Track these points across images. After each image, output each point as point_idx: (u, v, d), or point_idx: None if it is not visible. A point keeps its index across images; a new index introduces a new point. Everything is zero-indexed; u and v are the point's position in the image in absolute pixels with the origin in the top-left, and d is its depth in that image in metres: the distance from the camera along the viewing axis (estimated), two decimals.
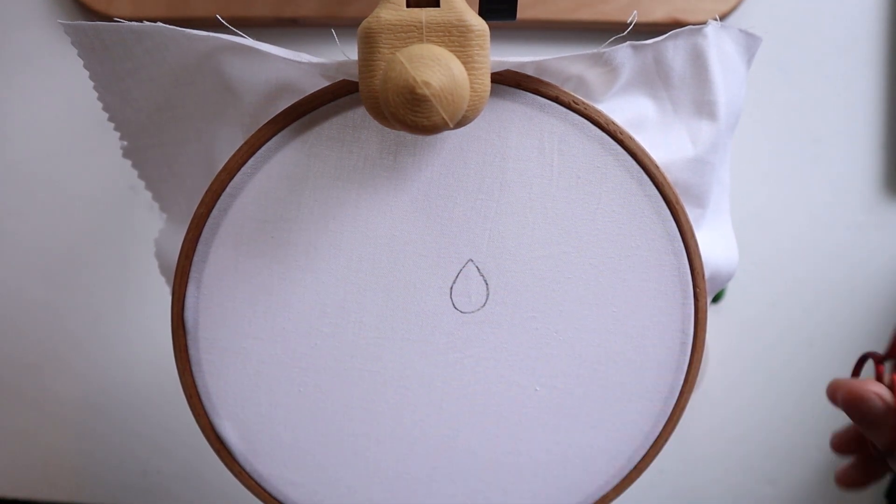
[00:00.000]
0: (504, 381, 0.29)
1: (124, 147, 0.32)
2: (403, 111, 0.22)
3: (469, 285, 0.28)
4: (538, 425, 0.30)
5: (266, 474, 0.30)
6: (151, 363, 0.51)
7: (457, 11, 0.23)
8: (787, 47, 0.47)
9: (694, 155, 0.30)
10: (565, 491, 0.30)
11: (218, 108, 0.29)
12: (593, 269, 0.28)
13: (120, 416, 0.52)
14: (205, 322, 0.28)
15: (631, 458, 0.30)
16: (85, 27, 0.27)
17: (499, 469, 0.30)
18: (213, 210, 0.27)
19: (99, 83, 0.29)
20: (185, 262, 0.28)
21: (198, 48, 0.27)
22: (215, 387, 0.29)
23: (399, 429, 0.29)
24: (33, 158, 0.49)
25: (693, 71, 0.29)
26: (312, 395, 0.29)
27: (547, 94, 0.27)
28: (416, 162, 0.27)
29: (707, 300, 0.29)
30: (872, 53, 0.47)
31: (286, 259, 0.28)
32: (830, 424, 0.51)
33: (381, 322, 0.29)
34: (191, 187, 0.32)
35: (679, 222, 0.28)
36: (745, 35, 0.30)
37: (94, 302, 0.50)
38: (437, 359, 0.29)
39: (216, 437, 0.29)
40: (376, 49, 0.23)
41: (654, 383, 0.29)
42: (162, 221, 0.35)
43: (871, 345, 0.50)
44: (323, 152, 0.27)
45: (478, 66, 0.23)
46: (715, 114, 0.30)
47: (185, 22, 0.37)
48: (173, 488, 0.53)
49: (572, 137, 0.27)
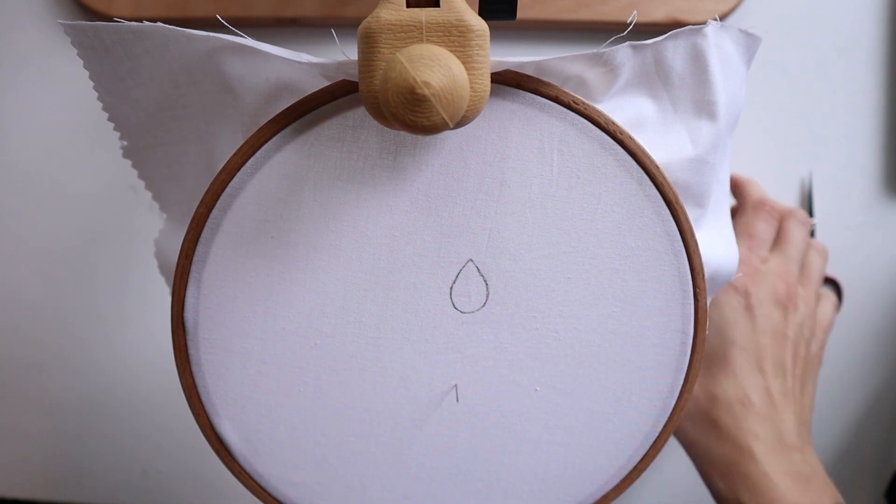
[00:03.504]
0: (504, 381, 0.29)
1: (124, 147, 0.32)
2: (403, 111, 0.22)
3: (469, 285, 0.28)
4: (538, 425, 0.30)
5: (266, 474, 0.30)
6: (151, 363, 0.51)
7: (457, 11, 0.23)
8: (787, 47, 0.47)
9: (694, 155, 0.30)
10: (565, 491, 0.30)
11: (218, 108, 0.29)
12: (593, 269, 0.28)
13: (120, 416, 0.52)
14: (205, 322, 0.28)
15: (631, 458, 0.30)
16: (85, 27, 0.27)
17: (499, 469, 0.30)
18: (213, 210, 0.27)
19: (99, 83, 0.29)
20: (185, 262, 0.28)
21: (198, 48, 0.27)
22: (215, 387, 0.29)
23: (399, 429, 0.29)
24: (33, 158, 0.49)
25: (693, 71, 0.29)
26: (312, 395, 0.29)
27: (547, 94, 0.27)
28: (416, 162, 0.27)
29: (707, 300, 0.29)
30: (872, 54, 0.47)
31: (286, 259, 0.28)
32: (830, 425, 0.51)
33: (381, 322, 0.29)
34: (191, 187, 0.32)
35: (679, 222, 0.28)
36: (745, 35, 0.30)
37: (95, 302, 0.50)
38: (437, 359, 0.29)
39: (216, 436, 0.29)
40: (376, 49, 0.23)
41: (654, 383, 0.29)
42: (162, 221, 0.35)
43: (871, 344, 0.50)
44: (323, 152, 0.27)
45: (478, 66, 0.23)
46: (715, 114, 0.30)
47: (185, 22, 0.37)
48: (173, 488, 0.53)
49: (572, 137, 0.27)
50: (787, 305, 0.42)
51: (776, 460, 0.39)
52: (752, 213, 0.44)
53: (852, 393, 0.50)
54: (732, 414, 0.40)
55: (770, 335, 0.41)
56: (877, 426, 0.51)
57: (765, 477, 0.38)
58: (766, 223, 0.44)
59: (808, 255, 0.45)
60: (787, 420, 0.40)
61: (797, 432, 0.40)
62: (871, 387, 0.50)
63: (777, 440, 0.39)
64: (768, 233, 0.44)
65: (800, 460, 0.39)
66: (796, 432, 0.40)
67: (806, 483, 0.39)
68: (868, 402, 0.50)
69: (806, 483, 0.39)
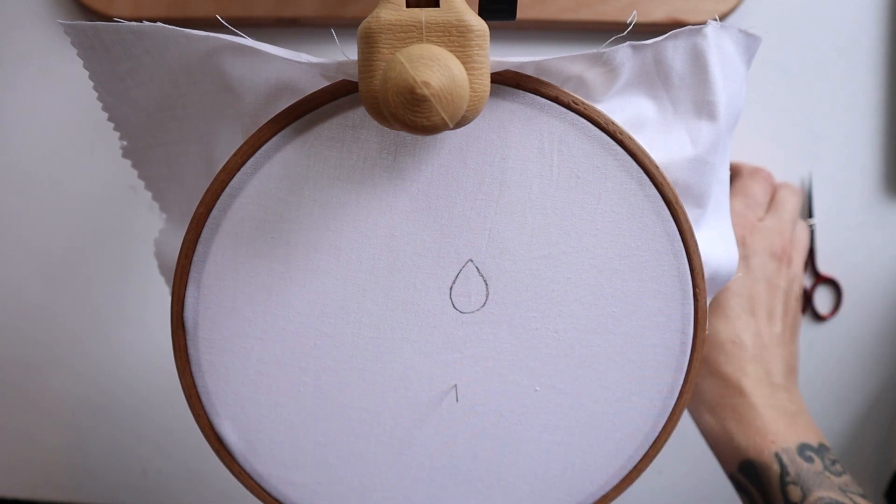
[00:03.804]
0: (503, 381, 0.29)
1: (124, 147, 0.32)
2: (403, 111, 0.22)
3: (469, 285, 0.28)
4: (538, 425, 0.30)
5: (266, 474, 0.30)
6: (151, 363, 0.51)
7: (456, 11, 0.23)
8: (787, 47, 0.47)
9: (694, 155, 0.30)
10: (565, 491, 0.30)
11: (218, 108, 0.29)
12: (593, 269, 0.28)
13: (120, 416, 0.52)
14: (204, 322, 0.28)
15: (631, 458, 0.30)
16: (85, 27, 0.27)
17: (499, 469, 0.30)
18: (213, 210, 0.27)
19: (99, 83, 0.29)
20: (185, 262, 0.28)
21: (198, 48, 0.27)
22: (215, 387, 0.29)
23: (399, 429, 0.29)
24: (33, 158, 0.49)
25: (693, 71, 0.29)
26: (312, 395, 0.29)
27: (547, 94, 0.27)
28: (416, 162, 0.27)
29: (707, 300, 0.29)
30: (872, 54, 0.47)
31: (286, 259, 0.28)
32: (830, 425, 0.51)
33: (381, 322, 0.29)
34: (191, 187, 0.32)
35: (679, 222, 0.28)
36: (745, 35, 0.30)
37: (94, 302, 0.50)
38: (437, 358, 0.29)
39: (216, 436, 0.29)
40: (376, 49, 0.23)
41: (654, 383, 0.29)
42: (162, 221, 0.35)
43: (871, 344, 0.50)
44: (323, 152, 0.27)
45: (477, 66, 0.23)
46: (715, 114, 0.30)
47: (185, 22, 0.37)
48: (173, 488, 0.53)
49: (572, 137, 0.27)
50: (781, 259, 0.43)
51: (764, 395, 0.40)
52: (748, 177, 0.46)
53: (852, 393, 0.50)
54: (724, 352, 0.41)
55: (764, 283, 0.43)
56: (877, 426, 0.50)
57: (753, 409, 0.40)
58: (761, 187, 0.45)
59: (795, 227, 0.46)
60: (776, 362, 0.42)
61: (784, 375, 0.42)
62: (871, 387, 0.50)
63: (765, 378, 0.41)
64: (764, 196, 0.45)
65: (786, 399, 0.41)
66: (783, 374, 0.42)
67: (792, 418, 0.40)
68: (868, 402, 0.50)
69: (792, 418, 0.40)
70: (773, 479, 0.38)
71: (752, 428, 0.39)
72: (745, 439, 0.39)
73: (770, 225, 0.44)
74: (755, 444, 0.39)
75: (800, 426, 0.40)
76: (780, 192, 0.46)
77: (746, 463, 0.39)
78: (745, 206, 0.44)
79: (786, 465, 0.38)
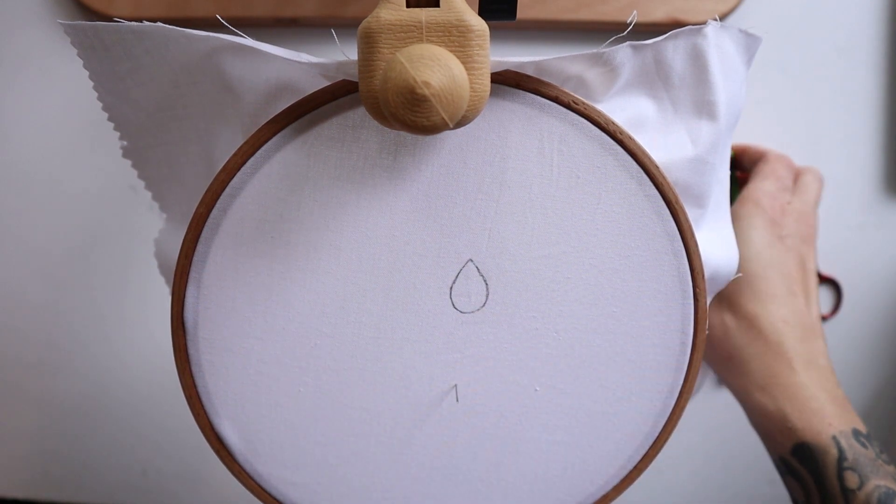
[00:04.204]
0: (504, 381, 0.29)
1: (124, 147, 0.32)
2: (403, 111, 0.22)
3: (469, 285, 0.28)
4: (538, 425, 0.30)
5: (266, 474, 0.30)
6: (151, 363, 0.51)
7: (457, 11, 0.23)
8: (787, 47, 0.47)
9: (694, 155, 0.30)
10: (565, 491, 0.30)
11: (218, 108, 0.29)
12: (593, 269, 0.28)
13: (120, 416, 0.52)
14: (204, 322, 0.28)
15: (631, 458, 0.30)
16: (85, 27, 0.27)
17: (499, 469, 0.30)
18: (213, 210, 0.27)
19: (99, 83, 0.29)
20: (185, 262, 0.28)
21: (198, 48, 0.27)
22: (215, 387, 0.29)
23: (399, 429, 0.29)
24: (33, 158, 0.49)
25: (693, 71, 0.29)
26: (312, 395, 0.29)
27: (547, 94, 0.27)
28: (416, 162, 0.27)
29: (707, 300, 0.29)
30: (872, 54, 0.47)
31: (286, 259, 0.28)
32: None
33: (381, 322, 0.29)
34: (191, 187, 0.32)
35: (679, 222, 0.28)
36: (745, 35, 0.30)
37: (95, 302, 0.50)
38: (437, 359, 0.29)
39: (216, 436, 0.29)
40: (376, 49, 0.23)
41: (654, 383, 0.29)
42: (162, 221, 0.35)
43: (871, 344, 0.50)
44: (323, 152, 0.27)
45: (478, 66, 0.23)
46: (715, 114, 0.30)
47: (185, 22, 0.37)
48: (173, 488, 0.53)
49: (572, 137, 0.27)
50: (810, 244, 0.43)
51: (814, 377, 0.39)
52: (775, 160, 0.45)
53: (852, 393, 0.50)
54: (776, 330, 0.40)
55: (800, 266, 0.42)
56: (877, 426, 0.51)
57: (807, 389, 0.39)
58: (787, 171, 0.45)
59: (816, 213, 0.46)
60: (819, 344, 0.41)
61: (827, 358, 0.41)
62: (871, 387, 0.50)
63: (814, 360, 0.40)
64: (790, 179, 0.45)
65: (834, 382, 0.40)
66: (826, 357, 0.41)
67: (844, 402, 0.39)
68: (868, 402, 0.50)
69: (844, 402, 0.39)
70: (829, 463, 0.37)
71: (808, 409, 0.38)
72: (801, 421, 0.38)
73: (798, 208, 0.43)
74: (812, 426, 0.38)
75: (850, 411, 0.39)
76: (804, 177, 0.45)
77: (802, 446, 0.38)
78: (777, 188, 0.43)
79: (844, 449, 0.37)
